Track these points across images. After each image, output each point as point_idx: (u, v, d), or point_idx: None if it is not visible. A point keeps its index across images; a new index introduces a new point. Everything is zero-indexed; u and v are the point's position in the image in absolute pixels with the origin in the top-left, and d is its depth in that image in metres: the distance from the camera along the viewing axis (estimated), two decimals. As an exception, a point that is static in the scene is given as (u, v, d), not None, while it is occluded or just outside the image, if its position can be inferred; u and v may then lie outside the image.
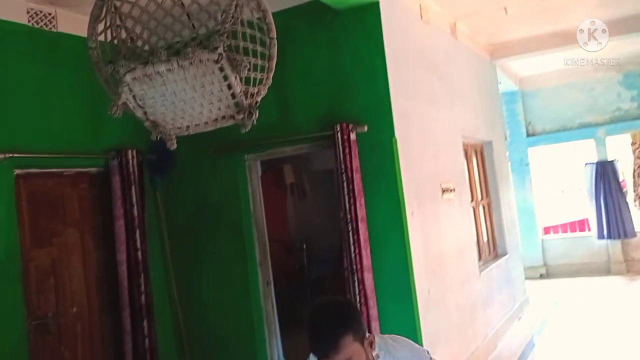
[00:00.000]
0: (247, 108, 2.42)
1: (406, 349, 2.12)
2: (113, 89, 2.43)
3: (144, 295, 4.51)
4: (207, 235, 4.90)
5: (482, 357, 5.33)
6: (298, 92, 4.50)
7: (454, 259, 5.05)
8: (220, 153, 4.77)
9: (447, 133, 5.41)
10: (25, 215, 4.06)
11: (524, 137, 9.61)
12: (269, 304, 4.80)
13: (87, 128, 4.50)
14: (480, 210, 6.58)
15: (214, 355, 4.87)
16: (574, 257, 9.36)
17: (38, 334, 4.05)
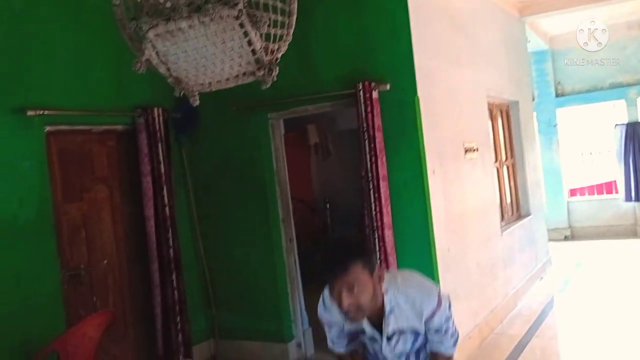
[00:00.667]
0: (268, 64, 2.45)
1: (415, 288, 2.17)
2: (137, 45, 2.48)
3: (172, 249, 4.66)
4: (232, 193, 5.00)
5: (502, 315, 5.40)
6: (320, 50, 4.49)
7: (476, 218, 5.08)
8: (243, 112, 4.82)
9: (472, 92, 5.36)
10: (56, 171, 4.20)
11: (553, 97, 9.42)
12: (291, 259, 4.92)
13: (114, 86, 4.59)
14: (504, 171, 6.55)
15: (239, 308, 5.04)
16: (599, 219, 9.28)
17: (71, 285, 4.24)
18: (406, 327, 2.17)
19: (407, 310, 2.13)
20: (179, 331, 4.67)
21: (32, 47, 4.03)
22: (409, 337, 2.21)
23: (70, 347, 3.38)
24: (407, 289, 2.14)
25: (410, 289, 2.15)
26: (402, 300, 2.12)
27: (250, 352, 4.96)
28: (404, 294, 2.13)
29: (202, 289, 5.14)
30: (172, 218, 4.71)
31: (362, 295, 1.97)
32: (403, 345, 2.22)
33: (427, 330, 2.20)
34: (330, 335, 2.37)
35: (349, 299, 1.95)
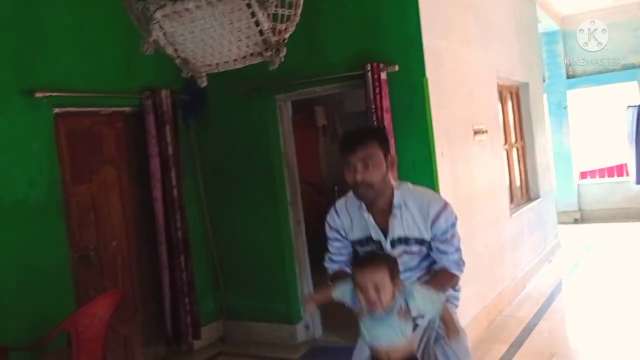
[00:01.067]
0: (275, 45, 2.42)
1: (423, 192, 2.30)
2: (144, 26, 2.46)
3: (180, 231, 4.68)
4: (240, 174, 5.01)
5: (510, 297, 5.40)
6: (328, 31, 4.44)
7: (484, 201, 5.05)
8: (251, 93, 4.80)
9: (481, 74, 5.30)
10: (65, 153, 4.22)
11: (564, 79, 9.31)
12: (299, 241, 4.93)
13: (122, 68, 4.58)
14: (514, 153, 6.51)
15: (247, 290, 5.07)
16: (610, 202, 9.22)
17: (81, 266, 4.28)
18: (411, 235, 2.22)
19: (414, 211, 2.21)
20: (187, 312, 4.71)
21: (39, 28, 4.03)
22: (415, 249, 2.24)
23: (80, 327, 3.40)
24: (415, 192, 2.27)
25: (419, 192, 2.28)
26: (410, 199, 2.23)
27: (258, 334, 5.01)
28: (412, 194, 2.25)
29: (211, 270, 5.17)
30: (180, 200, 4.73)
31: (375, 171, 2.15)
32: (409, 259, 2.25)
33: (432, 238, 2.22)
34: (331, 248, 2.48)
35: (363, 173, 2.14)
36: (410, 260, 2.27)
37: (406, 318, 1.98)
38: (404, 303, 1.99)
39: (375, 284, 1.96)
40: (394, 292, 1.99)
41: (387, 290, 1.97)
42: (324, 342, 4.88)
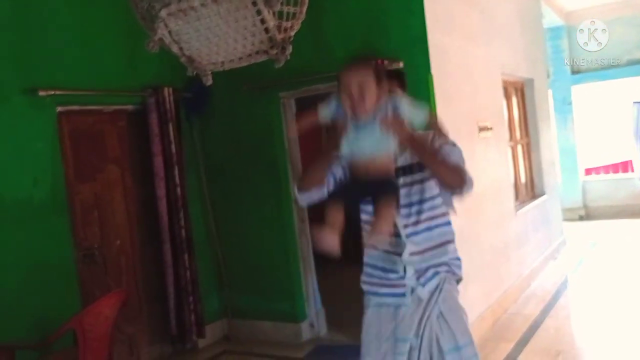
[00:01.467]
0: (281, 43, 2.40)
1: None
2: (149, 24, 2.44)
3: (183, 229, 4.67)
4: (244, 172, 4.99)
5: (515, 295, 5.38)
6: (333, 28, 4.42)
7: (489, 198, 5.02)
8: (255, 91, 4.77)
9: (486, 70, 5.27)
10: (68, 151, 4.21)
11: (568, 74, 9.26)
12: (304, 239, 4.91)
13: (125, 66, 4.56)
14: (518, 150, 6.47)
15: (252, 288, 5.06)
16: (615, 198, 9.18)
17: (85, 265, 4.27)
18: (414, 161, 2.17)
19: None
20: (191, 311, 4.70)
21: (42, 27, 4.01)
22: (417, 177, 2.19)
23: (86, 326, 3.39)
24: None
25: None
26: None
27: (263, 332, 4.99)
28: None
29: (215, 269, 5.16)
30: (184, 198, 4.72)
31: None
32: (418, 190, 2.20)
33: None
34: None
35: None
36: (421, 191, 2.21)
37: (392, 128, 1.93)
38: (391, 111, 1.96)
39: (360, 84, 1.94)
40: (379, 96, 1.96)
41: (371, 91, 1.94)
42: (328, 341, 4.87)
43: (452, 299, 2.25)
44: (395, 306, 2.24)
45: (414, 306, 2.21)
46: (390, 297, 2.25)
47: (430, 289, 2.20)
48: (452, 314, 2.21)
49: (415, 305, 2.21)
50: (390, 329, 2.23)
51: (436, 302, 2.20)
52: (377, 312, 2.28)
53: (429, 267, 2.22)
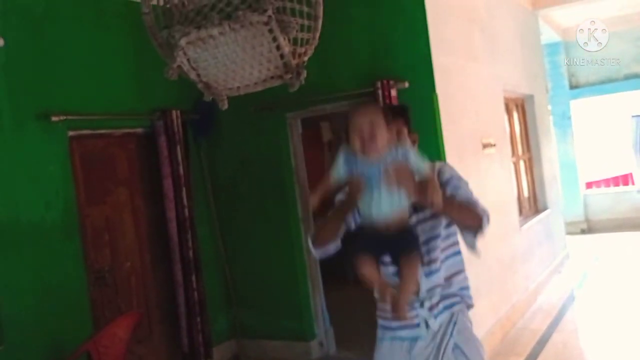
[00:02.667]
0: (296, 68, 2.46)
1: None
2: (167, 52, 2.49)
3: (191, 250, 4.70)
4: (251, 193, 5.04)
5: (523, 309, 5.41)
6: (338, 49, 4.49)
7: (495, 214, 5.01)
8: (261, 112, 4.84)
9: (488, 87, 5.36)
10: (79, 175, 4.26)
11: (567, 89, 9.38)
12: (312, 259, 4.95)
13: (133, 90, 4.64)
14: (521, 165, 6.55)
15: (260, 308, 5.09)
16: (616, 212, 9.23)
17: (96, 286, 4.30)
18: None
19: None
20: (199, 332, 4.72)
21: (54, 52, 4.08)
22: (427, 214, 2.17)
23: (101, 348, 3.43)
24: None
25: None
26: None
27: (272, 351, 5.01)
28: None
29: (224, 289, 5.18)
30: (191, 219, 4.76)
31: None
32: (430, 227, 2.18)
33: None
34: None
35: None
36: (431, 228, 2.21)
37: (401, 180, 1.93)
38: (401, 156, 1.97)
39: (371, 123, 1.97)
40: (388, 137, 1.99)
41: (381, 130, 1.97)
42: (338, 359, 4.88)
43: (467, 330, 2.25)
44: (410, 340, 2.23)
45: (428, 339, 2.20)
46: (403, 330, 2.23)
47: (441, 321, 2.20)
48: (468, 345, 2.21)
49: (430, 339, 2.20)
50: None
51: (451, 335, 2.20)
52: (391, 345, 2.27)
53: (440, 300, 2.22)
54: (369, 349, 2.37)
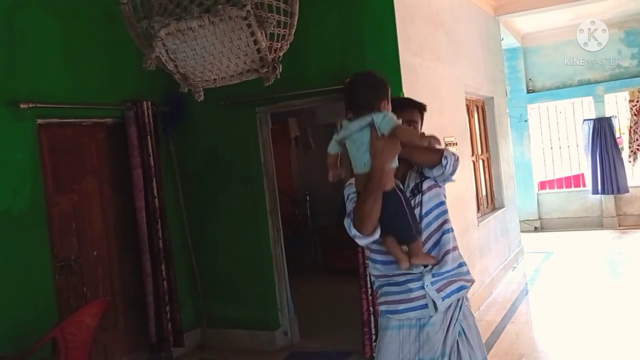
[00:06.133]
0: (272, 62, 2.58)
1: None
2: (145, 43, 2.57)
3: (161, 240, 4.75)
4: (219, 185, 5.11)
5: (478, 302, 5.64)
6: (309, 47, 4.59)
7: (455, 210, 5.23)
8: (231, 106, 4.91)
9: (452, 89, 5.56)
10: (47, 163, 4.25)
11: (524, 93, 9.74)
12: (278, 249, 5.05)
13: (104, 80, 4.64)
14: (480, 165, 6.80)
15: (227, 297, 5.17)
16: (568, 211, 9.66)
17: (62, 275, 4.31)
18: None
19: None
20: (169, 320, 4.77)
21: (24, 40, 4.07)
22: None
23: (68, 335, 3.45)
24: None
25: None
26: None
27: (237, 340, 5.10)
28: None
29: (191, 278, 5.24)
30: (162, 209, 4.80)
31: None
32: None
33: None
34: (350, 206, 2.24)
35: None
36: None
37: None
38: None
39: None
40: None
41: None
42: (302, 348, 5.00)
43: (471, 315, 2.28)
44: (419, 326, 2.20)
45: (438, 324, 2.19)
46: (411, 312, 2.20)
47: (448, 304, 2.19)
48: (472, 332, 2.24)
49: (439, 324, 2.19)
50: (414, 350, 2.20)
51: (457, 320, 2.20)
52: (398, 333, 2.23)
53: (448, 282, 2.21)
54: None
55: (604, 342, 4.54)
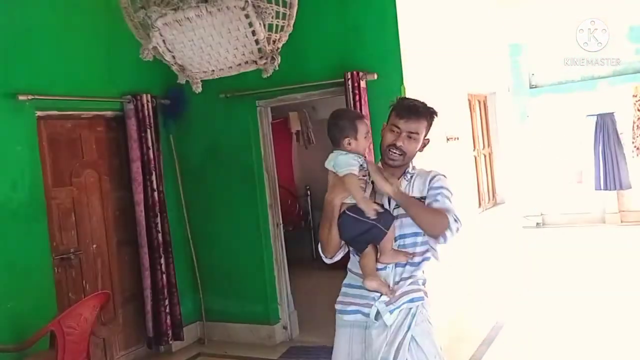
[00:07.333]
0: (270, 54, 2.55)
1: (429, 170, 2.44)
2: (142, 33, 2.55)
3: (161, 234, 4.74)
4: (219, 178, 5.09)
5: (479, 297, 5.62)
6: (310, 40, 4.56)
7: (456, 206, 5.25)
8: (232, 99, 4.89)
9: (453, 83, 5.52)
10: (46, 156, 4.24)
11: (527, 88, 9.69)
12: (278, 244, 5.04)
13: (104, 72, 4.63)
14: (481, 160, 6.76)
15: (227, 291, 5.16)
16: (570, 207, 9.61)
17: (61, 268, 4.30)
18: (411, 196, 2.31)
19: (420, 181, 2.35)
20: (167, 314, 4.76)
21: (23, 32, 4.06)
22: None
23: (66, 328, 3.43)
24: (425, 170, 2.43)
25: (428, 170, 2.43)
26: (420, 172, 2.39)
27: (237, 335, 5.09)
28: (423, 170, 2.42)
29: (190, 272, 5.23)
30: (162, 203, 4.79)
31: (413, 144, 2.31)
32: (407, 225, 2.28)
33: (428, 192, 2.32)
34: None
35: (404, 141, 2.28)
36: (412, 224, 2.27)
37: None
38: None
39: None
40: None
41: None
42: (301, 342, 5.00)
43: (425, 322, 2.29)
44: (366, 327, 2.26)
45: (380, 330, 2.23)
46: (357, 314, 2.28)
47: (397, 317, 2.23)
48: (424, 340, 2.25)
49: (382, 329, 2.23)
50: (360, 351, 2.27)
51: (409, 328, 2.23)
52: (349, 332, 2.30)
53: (402, 294, 2.25)
54: (331, 332, 2.43)
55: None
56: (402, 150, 2.28)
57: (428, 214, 2.25)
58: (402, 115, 2.30)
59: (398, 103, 2.40)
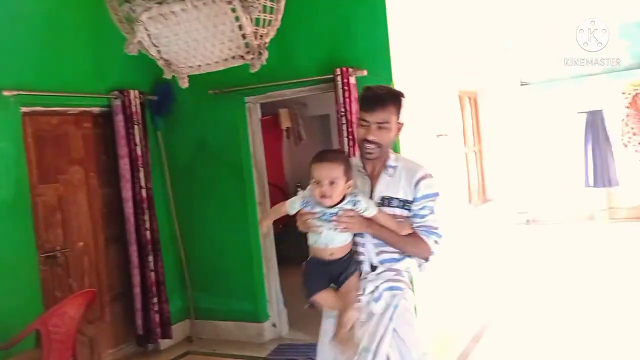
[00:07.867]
0: (257, 48, 2.51)
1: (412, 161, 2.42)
2: (127, 28, 2.50)
3: (149, 231, 4.69)
4: (208, 175, 5.05)
5: (469, 294, 5.62)
6: (299, 36, 4.53)
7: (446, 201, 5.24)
8: (221, 95, 4.85)
9: (444, 79, 5.51)
10: (32, 152, 4.18)
11: (517, 85, 9.69)
12: (267, 241, 5.01)
13: (91, 68, 4.57)
14: (471, 156, 6.76)
15: (215, 289, 5.12)
16: (561, 204, 9.64)
17: (47, 266, 4.25)
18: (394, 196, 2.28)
19: (403, 174, 2.30)
20: (156, 312, 4.72)
21: (9, 26, 3.99)
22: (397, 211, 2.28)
23: (51, 327, 3.39)
24: (407, 160, 2.41)
25: (410, 161, 2.41)
26: (401, 163, 2.34)
27: (226, 332, 5.06)
28: (404, 160, 2.38)
29: (179, 270, 5.18)
30: (150, 200, 4.74)
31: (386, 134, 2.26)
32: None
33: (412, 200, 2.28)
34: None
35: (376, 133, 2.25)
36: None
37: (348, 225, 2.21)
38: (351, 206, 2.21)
39: (331, 177, 2.16)
40: (344, 193, 2.20)
41: (339, 185, 2.18)
42: (290, 340, 4.97)
43: (407, 312, 2.30)
44: None
45: (365, 318, 2.25)
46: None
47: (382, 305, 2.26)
48: (405, 330, 2.27)
49: (366, 318, 2.25)
50: None
51: (391, 319, 2.25)
52: (334, 322, 2.33)
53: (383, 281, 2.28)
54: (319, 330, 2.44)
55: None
56: (377, 142, 2.26)
57: (407, 246, 2.29)
58: (367, 107, 2.28)
59: (361, 95, 2.37)
